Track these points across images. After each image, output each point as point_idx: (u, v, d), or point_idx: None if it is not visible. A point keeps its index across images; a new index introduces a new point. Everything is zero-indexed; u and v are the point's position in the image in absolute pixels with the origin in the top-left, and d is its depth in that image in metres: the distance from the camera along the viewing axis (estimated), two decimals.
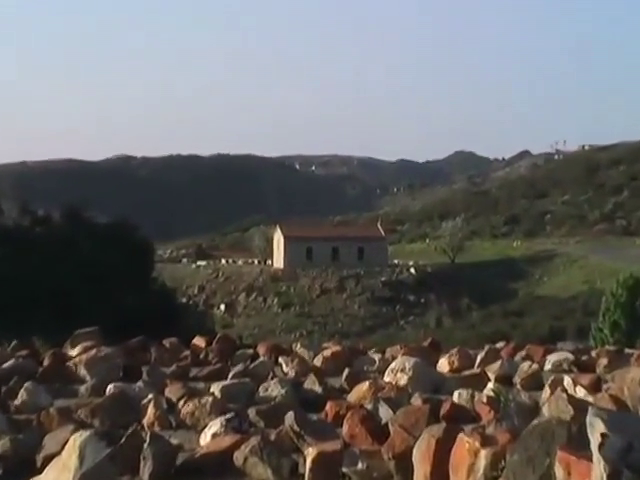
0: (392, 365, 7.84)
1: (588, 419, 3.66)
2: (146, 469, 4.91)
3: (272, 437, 5.27)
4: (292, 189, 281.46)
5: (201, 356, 9.27)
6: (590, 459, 3.56)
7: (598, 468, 3.47)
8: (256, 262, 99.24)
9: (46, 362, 8.55)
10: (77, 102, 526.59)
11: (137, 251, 25.93)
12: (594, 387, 6.78)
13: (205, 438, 5.69)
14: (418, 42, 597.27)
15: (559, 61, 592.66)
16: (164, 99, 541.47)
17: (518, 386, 7.49)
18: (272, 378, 7.65)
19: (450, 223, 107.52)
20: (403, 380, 7.49)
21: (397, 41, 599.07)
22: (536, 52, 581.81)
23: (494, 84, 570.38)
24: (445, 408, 6.06)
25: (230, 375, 8.01)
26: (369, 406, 6.10)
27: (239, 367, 8.23)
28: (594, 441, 3.56)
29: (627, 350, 9.73)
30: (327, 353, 8.91)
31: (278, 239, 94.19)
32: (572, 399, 5.36)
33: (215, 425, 5.77)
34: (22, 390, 7.15)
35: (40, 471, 5.04)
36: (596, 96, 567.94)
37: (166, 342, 9.73)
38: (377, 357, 9.06)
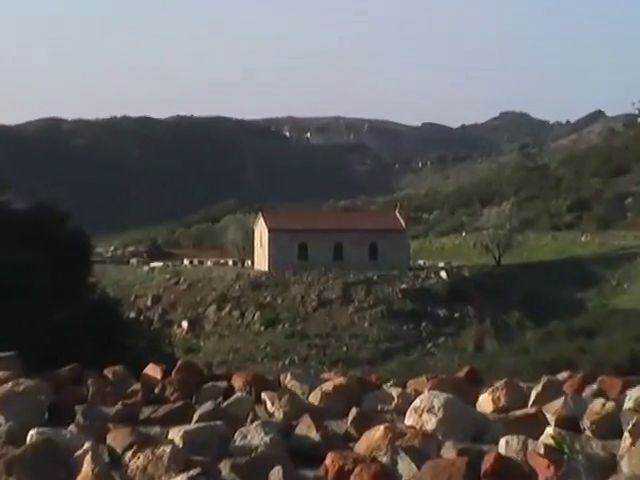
0: (416, 403, 7.87)
1: None
2: None
3: None
4: (280, 164, 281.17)
5: (156, 391, 9.32)
6: None
7: None
8: (231, 263, 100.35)
9: None
10: None
11: (69, 248, 25.94)
12: None
13: None
14: None
15: None
16: (104, 43, 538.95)
17: (587, 432, 7.49)
18: (252, 421, 7.66)
19: (495, 210, 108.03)
20: (431, 423, 7.52)
21: None
22: None
23: (554, 22, 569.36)
24: (488, 462, 6.04)
25: (195, 417, 8.03)
26: (384, 458, 6.08)
27: (208, 406, 8.26)
28: None
29: None
30: (327, 387, 8.95)
31: (261, 232, 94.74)
32: None
33: None
34: None
35: None
36: None
37: (108, 372, 9.75)
38: (395, 392, 9.09)
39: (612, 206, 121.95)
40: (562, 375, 9.86)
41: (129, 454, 6.55)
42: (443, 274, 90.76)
